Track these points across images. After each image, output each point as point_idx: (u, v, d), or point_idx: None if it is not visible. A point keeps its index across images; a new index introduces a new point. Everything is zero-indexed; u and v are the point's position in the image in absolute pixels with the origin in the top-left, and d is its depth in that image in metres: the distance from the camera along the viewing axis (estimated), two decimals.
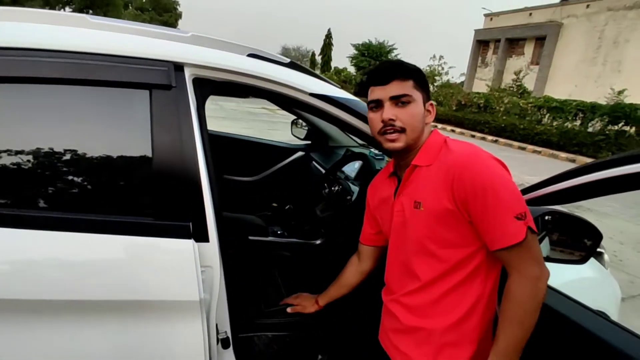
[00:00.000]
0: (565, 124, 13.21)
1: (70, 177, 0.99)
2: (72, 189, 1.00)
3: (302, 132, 3.09)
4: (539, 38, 23.27)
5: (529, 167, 9.57)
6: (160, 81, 1.03)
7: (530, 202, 1.22)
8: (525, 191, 1.26)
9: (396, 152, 1.05)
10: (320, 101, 1.24)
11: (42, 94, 0.96)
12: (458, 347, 1.00)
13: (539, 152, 12.55)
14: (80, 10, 31.65)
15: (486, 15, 27.63)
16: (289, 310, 1.44)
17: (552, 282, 1.56)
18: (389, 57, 27.42)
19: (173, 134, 1.03)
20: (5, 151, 0.93)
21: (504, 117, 15.14)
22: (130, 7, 43.08)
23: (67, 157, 0.97)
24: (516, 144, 13.66)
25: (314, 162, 2.73)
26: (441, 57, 25.61)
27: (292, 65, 1.26)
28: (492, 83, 22.88)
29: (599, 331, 1.02)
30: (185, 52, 1.09)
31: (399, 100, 0.99)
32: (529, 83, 21.22)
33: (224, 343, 1.21)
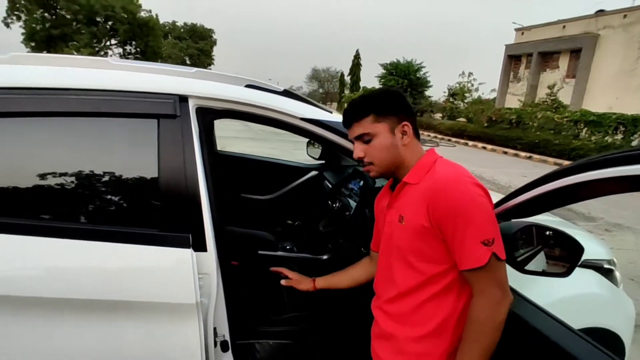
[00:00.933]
0: (605, 138, 12.66)
1: (88, 193, 1.18)
2: (90, 203, 1.19)
3: (317, 152, 3.23)
4: (573, 51, 22.58)
5: None
6: (167, 111, 1.20)
7: (508, 212, 1.26)
8: (500, 203, 1.30)
9: (379, 177, 1.16)
10: (310, 125, 1.37)
11: (69, 125, 1.17)
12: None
13: None
14: (124, 42, 34.10)
15: (517, 29, 27.20)
16: (282, 282, 1.48)
17: (548, 296, 1.57)
18: (417, 76, 27.44)
19: (177, 157, 1.20)
20: (39, 174, 1.13)
21: (538, 133, 14.70)
22: (170, 37, 45.81)
23: (87, 176, 1.17)
24: (552, 160, 13.18)
25: (326, 181, 2.85)
26: (470, 73, 25.37)
27: (286, 94, 1.40)
28: (525, 98, 22.31)
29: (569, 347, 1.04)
30: (189, 86, 1.26)
31: (362, 139, 1.09)
32: (565, 97, 20.51)
33: (223, 346, 1.33)
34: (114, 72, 1.23)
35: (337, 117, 1.47)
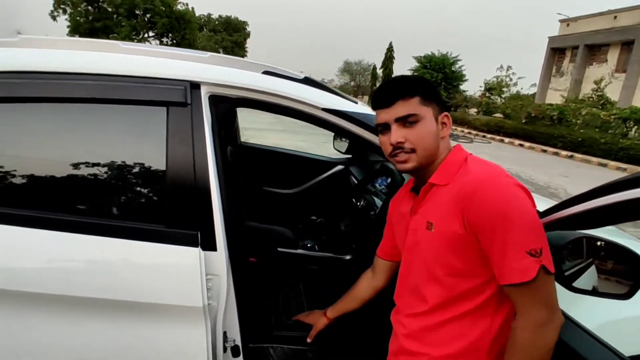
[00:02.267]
0: None
1: (89, 184, 1.10)
2: (91, 195, 1.12)
3: (344, 146, 3.10)
4: (625, 43, 21.07)
5: None
6: (177, 99, 1.11)
7: (555, 225, 1.10)
8: (550, 211, 1.14)
9: (409, 173, 1.01)
10: (332, 116, 1.25)
11: (69, 111, 1.10)
12: None
13: (624, 170, 11.22)
14: (161, 35, 35.06)
15: (562, 20, 25.69)
16: (309, 340, 1.39)
17: (598, 318, 1.38)
18: (452, 69, 26.54)
19: (186, 148, 1.11)
20: (37, 162, 1.07)
21: (582, 131, 13.84)
22: (205, 29, 46.72)
23: (89, 166, 1.09)
24: (595, 159, 12.38)
25: (351, 176, 2.72)
26: (509, 67, 24.23)
27: (307, 81, 1.29)
28: (568, 94, 21.11)
29: None
30: (202, 71, 1.17)
31: (406, 121, 0.93)
32: (613, 93, 19.21)
33: (234, 351, 1.24)
34: (121, 56, 1.15)
35: (362, 108, 1.34)
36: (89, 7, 33.99)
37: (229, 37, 46.29)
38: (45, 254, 1.03)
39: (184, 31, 35.46)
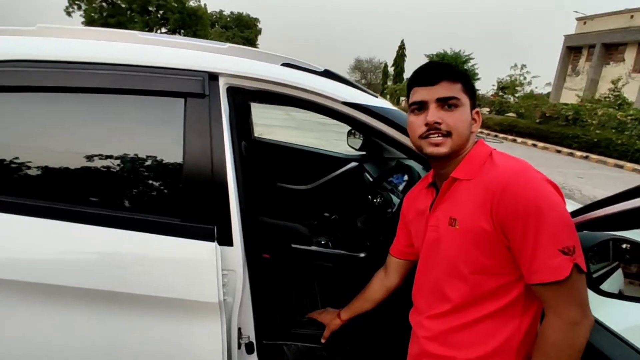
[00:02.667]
0: None
1: (103, 175, 1.08)
2: (106, 186, 1.10)
3: (358, 143, 3.07)
4: None
5: (626, 187, 8.42)
6: (195, 90, 1.09)
7: (586, 225, 1.06)
8: (580, 211, 1.09)
9: (437, 160, 0.95)
10: (353, 110, 1.21)
11: (87, 101, 1.08)
12: None
13: None
14: (174, 31, 35.31)
15: (578, 19, 25.19)
16: (323, 341, 1.38)
17: (624, 320, 1.33)
18: (465, 68, 26.23)
19: (204, 140, 1.08)
20: (57, 151, 1.06)
21: (597, 131, 13.56)
22: (216, 26, 46.93)
23: (105, 157, 1.07)
24: (612, 161, 12.13)
25: (366, 173, 2.68)
26: (523, 65, 23.87)
27: (327, 74, 1.25)
28: (584, 93, 20.71)
29: None
30: (220, 62, 1.14)
31: (447, 103, 0.90)
32: (630, 93, 18.80)
33: (248, 348, 1.22)
34: (139, 46, 1.13)
35: (383, 103, 1.30)
36: (103, 4, 34.38)
37: (240, 33, 46.39)
38: (60, 245, 1.02)
39: (195, 27, 35.64)
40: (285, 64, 1.22)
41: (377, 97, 1.33)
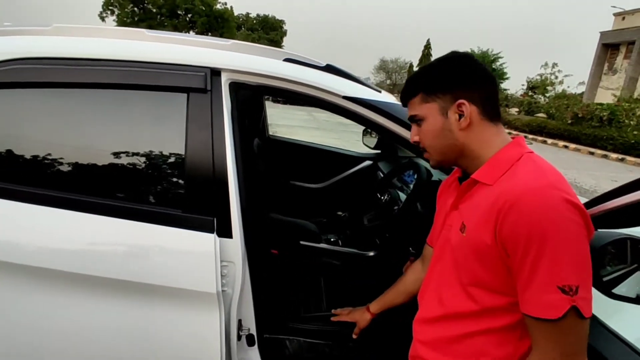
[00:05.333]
0: None
1: (106, 166, 1.13)
2: (108, 177, 1.14)
3: (373, 141, 3.04)
4: None
5: None
6: (197, 85, 1.11)
7: (600, 219, 0.99)
8: (593, 202, 1.02)
9: (440, 168, 0.99)
10: (354, 104, 1.21)
11: (93, 97, 1.13)
12: None
13: None
14: (201, 33, 36.21)
15: (616, 14, 24.03)
16: (354, 337, 1.35)
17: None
18: (493, 67, 25.54)
19: (205, 134, 1.11)
20: (63, 144, 1.12)
21: (635, 132, 12.89)
22: (243, 28, 47.72)
23: (108, 149, 1.12)
24: None
25: (379, 172, 2.66)
26: (555, 64, 23.00)
27: (329, 69, 1.26)
28: (622, 92, 19.71)
29: None
30: (223, 58, 1.17)
31: (415, 122, 0.92)
32: None
33: (249, 340, 1.24)
34: (144, 43, 1.17)
35: (386, 97, 1.29)
36: (135, 8, 35.66)
37: (266, 35, 46.98)
38: (62, 232, 1.07)
39: (222, 30, 36.41)
40: (287, 59, 1.23)
41: (380, 92, 1.32)
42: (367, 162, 2.84)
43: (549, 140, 15.75)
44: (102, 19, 35.60)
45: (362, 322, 1.32)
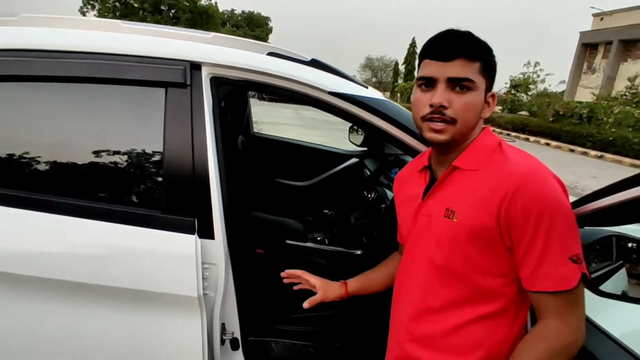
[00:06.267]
0: None
1: (81, 165, 1.07)
2: (83, 176, 1.08)
3: (359, 139, 3.02)
4: None
5: None
6: (176, 79, 1.06)
7: (587, 218, 0.99)
8: (581, 202, 1.02)
9: (437, 146, 0.86)
10: (340, 100, 1.18)
11: (65, 91, 1.07)
12: None
13: None
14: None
15: (595, 15, 24.60)
16: (305, 305, 1.09)
17: (624, 324, 1.27)
18: None
19: (185, 131, 1.06)
20: (34, 141, 1.05)
21: (613, 130, 13.24)
22: (228, 25, 47.20)
23: (83, 147, 1.06)
24: (628, 160, 11.82)
25: (366, 170, 2.64)
26: (537, 63, 23.43)
27: (314, 64, 1.22)
28: (600, 91, 20.23)
29: None
30: (203, 51, 1.12)
31: (459, 84, 0.79)
32: None
33: (233, 344, 1.20)
34: (120, 35, 1.11)
35: (373, 93, 1.26)
36: (117, 3, 34.87)
37: (251, 32, 46.55)
38: (35, 236, 1.01)
39: (207, 26, 35.89)
40: (271, 54, 1.19)
41: (367, 87, 1.29)
42: (354, 160, 2.82)
43: (532, 138, 16.05)
44: (83, 14, 34.65)
45: (330, 294, 1.09)
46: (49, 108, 1.07)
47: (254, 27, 48.25)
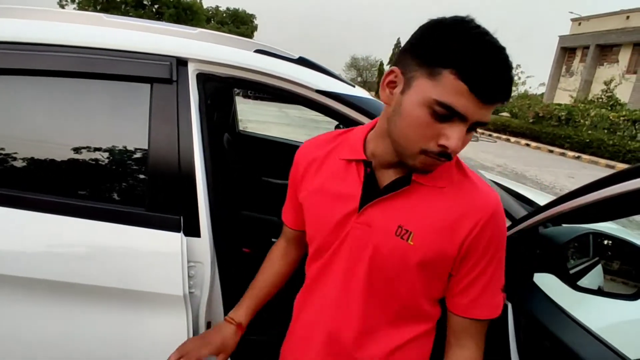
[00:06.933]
0: None
1: (62, 161, 1.04)
2: (65, 173, 1.05)
3: None
4: (637, 44, 20.74)
5: None
6: (161, 75, 1.04)
7: (565, 216, 1.02)
8: (554, 203, 1.06)
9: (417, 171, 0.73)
10: (327, 98, 1.18)
11: (46, 86, 1.03)
12: None
13: None
14: None
15: (573, 20, 25.33)
16: None
17: (601, 318, 1.31)
18: None
19: (170, 127, 1.04)
20: (14, 138, 1.02)
21: (590, 132, 13.67)
22: (212, 21, 46.64)
23: (67, 145, 1.03)
24: (603, 161, 12.24)
25: None
26: (518, 65, 23.95)
27: (301, 61, 1.22)
28: (578, 94, 20.88)
29: None
30: (190, 47, 1.10)
31: (475, 128, 0.67)
32: (623, 94, 18.95)
33: None
34: (104, 29, 1.08)
35: (360, 92, 1.27)
36: None
37: (236, 29, 46.15)
38: (16, 234, 0.98)
39: (191, 22, 35.39)
40: (258, 51, 1.19)
41: (354, 86, 1.30)
42: None
43: (512, 139, 16.43)
44: (62, 7, 33.72)
45: (231, 344, 0.97)
46: (28, 103, 1.04)
47: (239, 24, 47.84)
